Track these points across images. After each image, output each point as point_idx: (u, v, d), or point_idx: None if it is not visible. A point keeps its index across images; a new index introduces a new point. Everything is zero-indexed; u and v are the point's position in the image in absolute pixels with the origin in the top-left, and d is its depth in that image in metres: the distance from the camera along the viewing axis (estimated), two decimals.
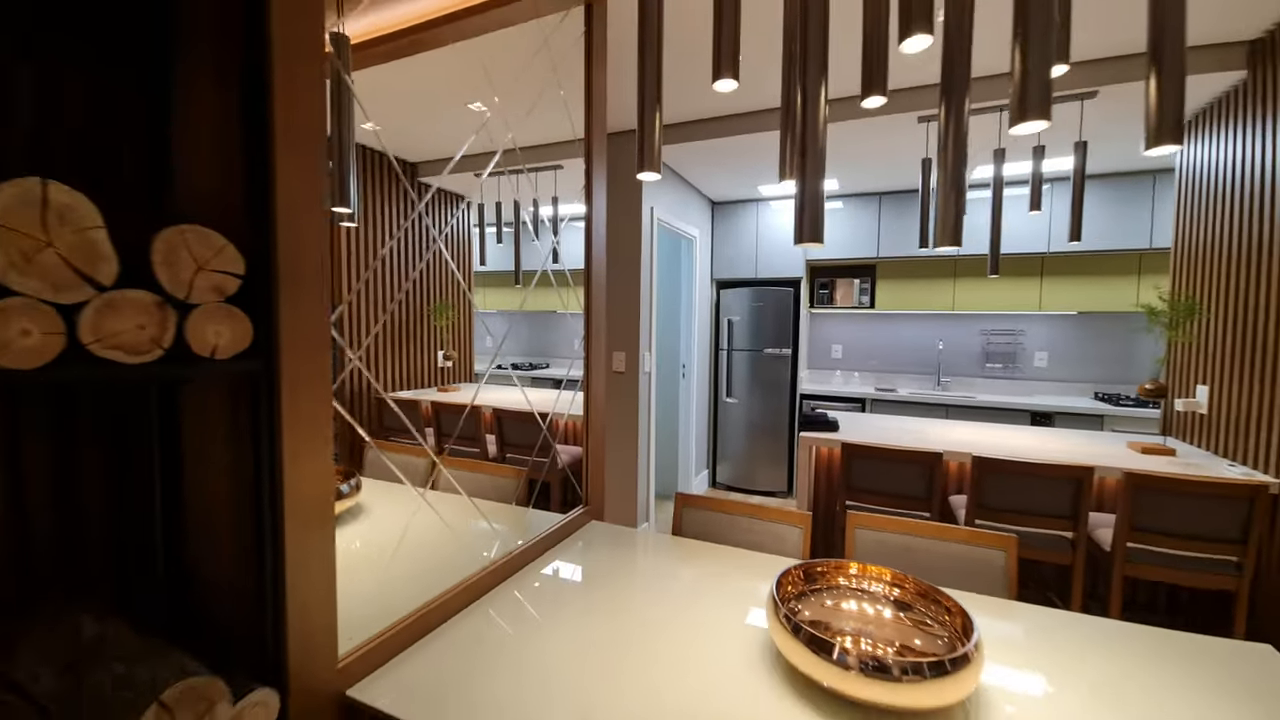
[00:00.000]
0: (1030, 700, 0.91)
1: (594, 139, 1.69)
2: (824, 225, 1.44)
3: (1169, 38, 0.83)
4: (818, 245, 0.91)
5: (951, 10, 0.89)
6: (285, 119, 0.78)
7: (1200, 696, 0.92)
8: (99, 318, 0.62)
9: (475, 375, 2.88)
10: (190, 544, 0.91)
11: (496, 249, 2.61)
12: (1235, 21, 1.95)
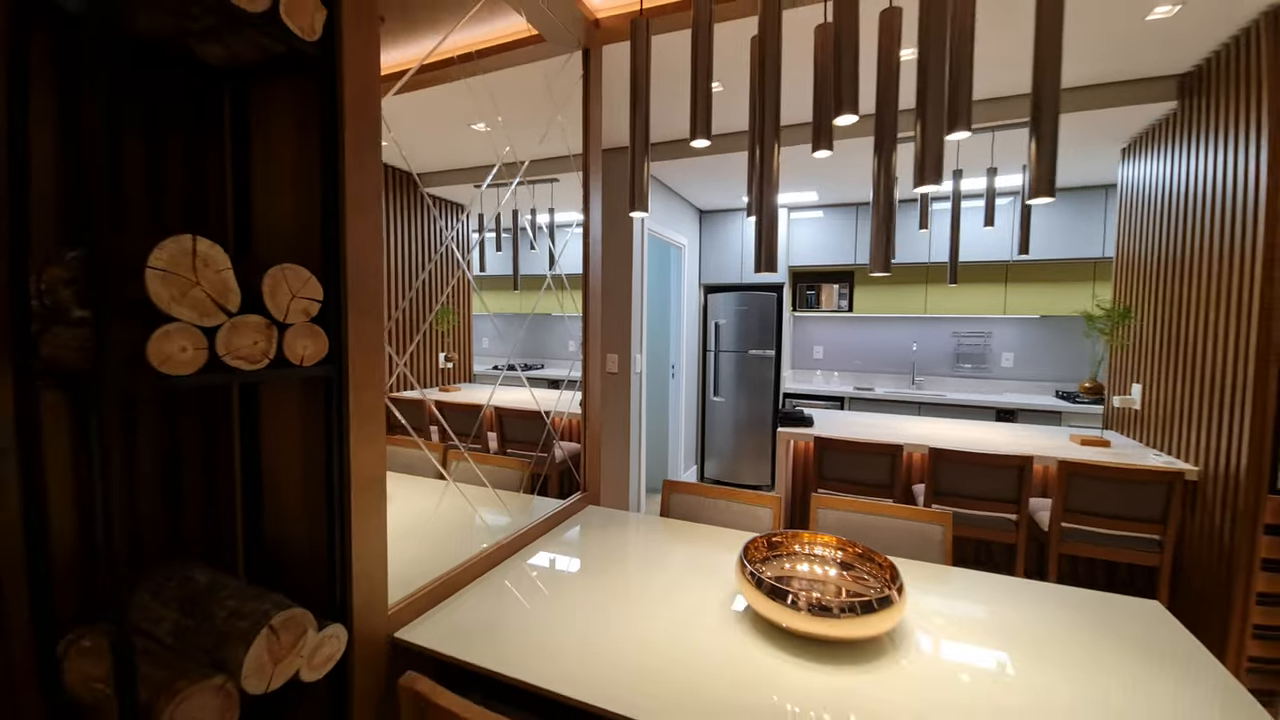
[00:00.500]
0: (939, 629, 1.15)
1: (590, 165, 1.91)
2: (778, 257, 1.66)
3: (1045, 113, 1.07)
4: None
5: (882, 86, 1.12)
6: (354, 187, 1.00)
7: (1090, 637, 1.16)
8: (229, 336, 0.83)
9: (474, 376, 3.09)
10: (266, 512, 1.12)
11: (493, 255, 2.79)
12: (1168, 56, 2.20)
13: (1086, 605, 1.27)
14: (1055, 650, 1.10)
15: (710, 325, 4.72)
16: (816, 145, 1.22)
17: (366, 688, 1.07)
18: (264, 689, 0.87)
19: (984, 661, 1.06)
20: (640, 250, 3.43)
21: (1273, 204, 1.81)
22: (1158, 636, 1.14)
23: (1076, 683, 1.00)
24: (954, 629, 1.17)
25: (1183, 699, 0.95)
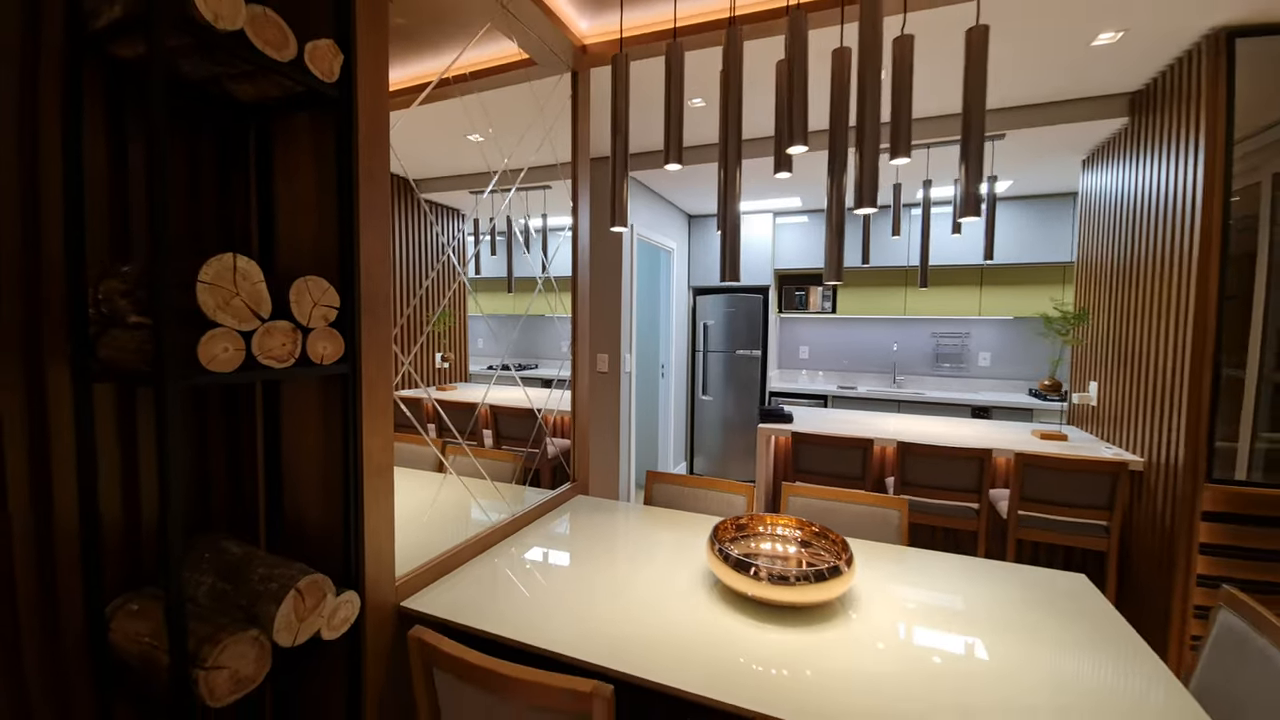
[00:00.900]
0: (888, 598, 1.30)
1: (579, 178, 2.05)
2: (739, 265, 1.82)
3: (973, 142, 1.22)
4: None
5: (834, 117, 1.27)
6: (366, 200, 1.14)
7: (1017, 600, 1.31)
8: (262, 339, 0.97)
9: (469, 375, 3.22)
10: (286, 494, 1.26)
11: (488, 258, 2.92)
12: (1119, 76, 2.36)
13: (1018, 576, 1.42)
14: (985, 611, 1.25)
15: (699, 326, 4.87)
16: (777, 169, 1.37)
17: (378, 648, 1.21)
18: (291, 642, 1.00)
19: (923, 621, 1.21)
20: (630, 254, 3.57)
21: (1206, 216, 1.97)
22: (1076, 601, 1.29)
23: (1001, 637, 1.15)
24: (900, 596, 1.32)
25: (1085, 645, 1.11)
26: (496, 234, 2.85)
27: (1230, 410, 2.03)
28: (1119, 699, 0.98)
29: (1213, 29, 1.95)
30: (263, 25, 0.95)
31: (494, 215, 2.90)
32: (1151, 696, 0.98)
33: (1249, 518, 1.95)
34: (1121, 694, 0.99)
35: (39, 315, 0.96)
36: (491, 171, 1.84)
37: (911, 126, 1.25)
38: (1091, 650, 1.11)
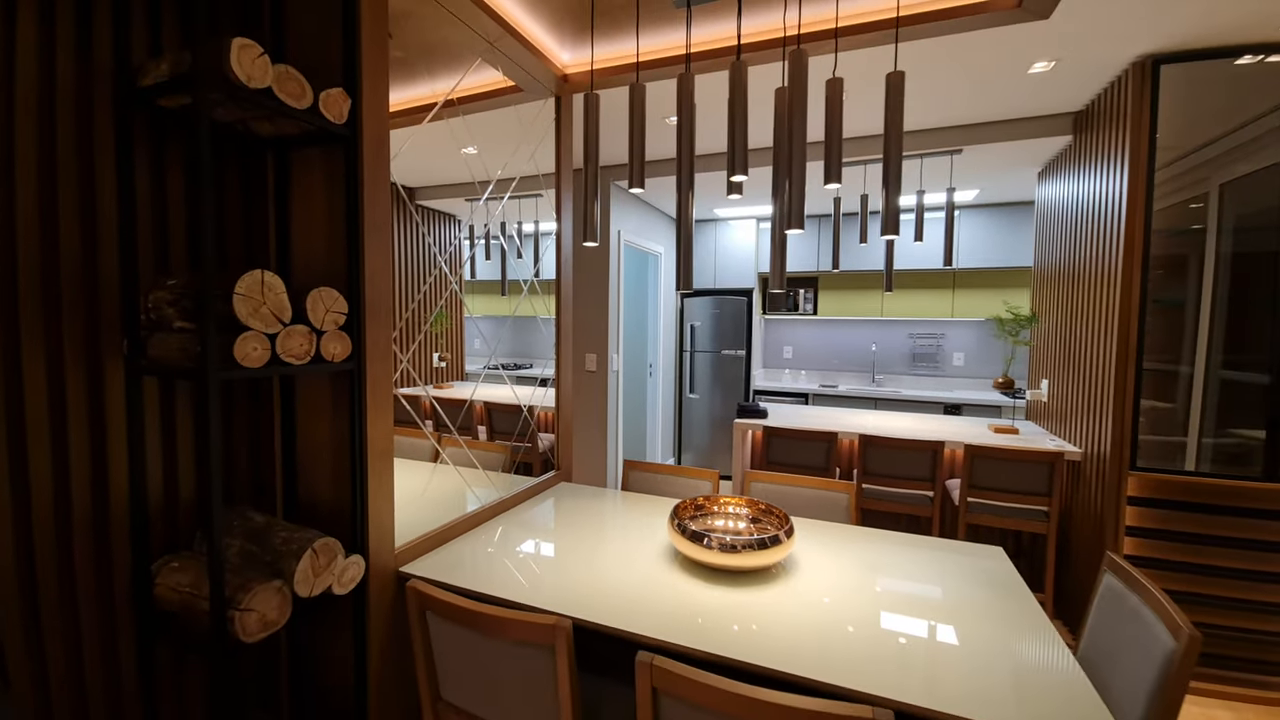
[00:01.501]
0: (822, 564, 1.49)
1: (562, 191, 2.25)
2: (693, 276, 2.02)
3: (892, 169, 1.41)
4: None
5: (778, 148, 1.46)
6: (370, 222, 1.33)
7: (937, 566, 1.51)
8: (284, 340, 1.16)
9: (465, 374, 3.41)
10: (300, 472, 1.45)
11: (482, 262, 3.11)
12: (1064, 97, 2.55)
13: (940, 549, 1.62)
14: (909, 577, 1.44)
15: (686, 327, 5.07)
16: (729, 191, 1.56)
17: (380, 605, 1.41)
18: (308, 593, 1.20)
19: (854, 581, 1.41)
20: (616, 259, 3.77)
21: (1130, 226, 2.17)
22: (987, 567, 1.49)
23: (923, 597, 1.35)
24: (838, 563, 1.52)
25: (992, 601, 1.30)
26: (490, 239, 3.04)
27: (1182, 404, 2.23)
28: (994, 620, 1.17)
29: (1139, 57, 2.15)
30: (286, 80, 1.14)
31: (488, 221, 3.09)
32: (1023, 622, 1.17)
33: (1169, 502, 2.15)
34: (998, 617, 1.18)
35: (98, 321, 1.15)
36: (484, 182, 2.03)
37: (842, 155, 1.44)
38: (986, 594, 1.31)
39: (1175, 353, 2.25)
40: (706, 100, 2.55)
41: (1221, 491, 2.08)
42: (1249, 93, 2.09)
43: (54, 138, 1.09)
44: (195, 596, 1.15)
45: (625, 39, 1.90)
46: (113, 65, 1.15)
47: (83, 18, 1.11)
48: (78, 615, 1.13)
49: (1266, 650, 2.08)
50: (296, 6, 1.38)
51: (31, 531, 1.07)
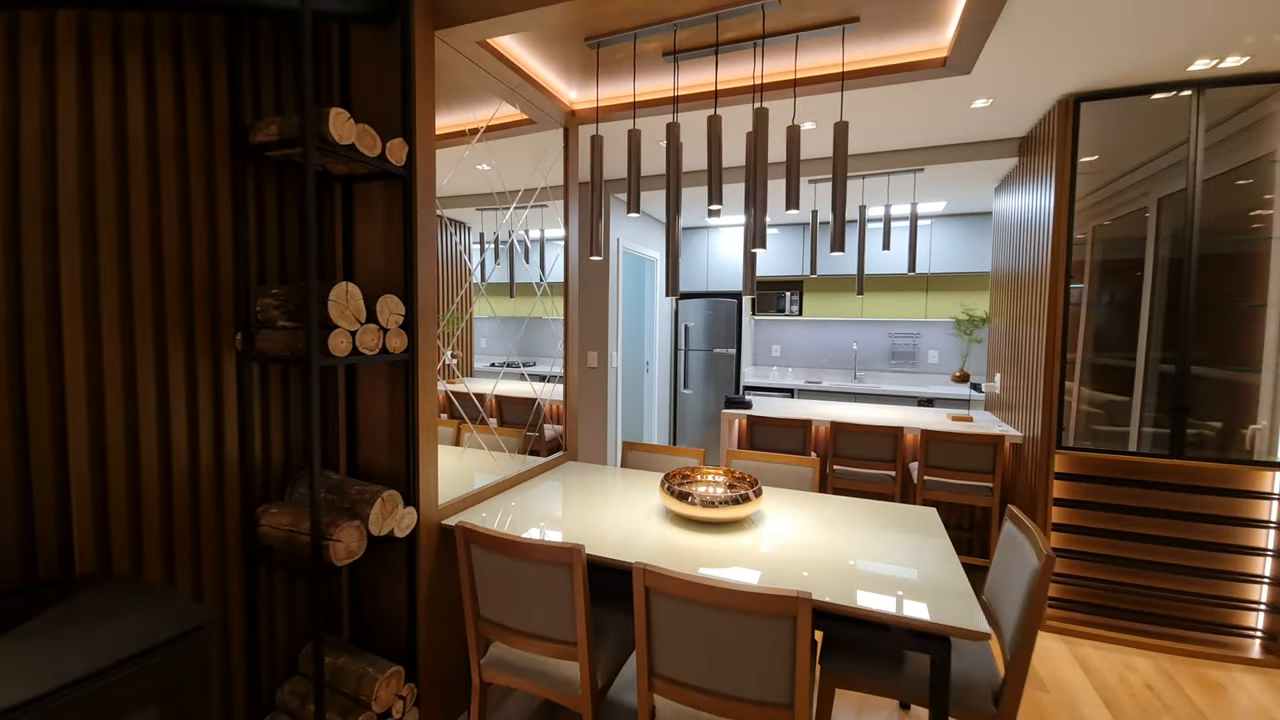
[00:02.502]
0: (784, 519, 1.84)
1: (569, 208, 2.60)
2: (679, 283, 2.38)
3: (839, 200, 1.76)
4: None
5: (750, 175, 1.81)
6: (421, 242, 1.68)
7: (877, 522, 1.86)
8: (361, 336, 1.51)
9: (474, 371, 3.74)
10: (360, 442, 1.80)
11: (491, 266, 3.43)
12: (1009, 125, 2.91)
13: (882, 510, 1.97)
14: (854, 527, 1.80)
15: (681, 327, 5.42)
16: (710, 215, 1.91)
17: (427, 548, 1.75)
18: (378, 533, 1.55)
19: (810, 532, 1.76)
20: (616, 265, 4.12)
21: (1055, 238, 2.53)
22: (916, 521, 1.84)
23: (861, 540, 1.70)
24: (797, 518, 1.87)
25: (917, 546, 1.66)
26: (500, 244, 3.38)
27: (1123, 393, 2.57)
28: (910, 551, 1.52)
29: (1063, 96, 2.50)
30: (363, 136, 1.49)
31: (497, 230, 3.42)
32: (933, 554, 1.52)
33: (1088, 477, 2.50)
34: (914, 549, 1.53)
35: (219, 321, 1.50)
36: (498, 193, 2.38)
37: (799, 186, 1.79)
38: (912, 537, 1.65)
39: (1130, 349, 2.59)
40: (695, 127, 2.91)
41: (1133, 467, 2.44)
42: (1177, 119, 2.42)
43: (188, 182, 1.43)
44: (293, 532, 1.50)
45: (624, 82, 2.25)
46: (228, 125, 1.50)
47: (206, 91, 1.46)
48: (200, 544, 1.48)
49: (1184, 607, 2.43)
50: (362, 74, 1.73)
51: (171, 483, 1.42)
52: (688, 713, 1.35)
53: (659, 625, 1.30)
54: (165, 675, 1.01)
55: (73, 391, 1.24)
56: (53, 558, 1.22)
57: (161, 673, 1.01)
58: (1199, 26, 1.88)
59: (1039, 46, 2.05)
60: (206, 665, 1.08)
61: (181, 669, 1.04)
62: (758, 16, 1.70)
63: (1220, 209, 2.41)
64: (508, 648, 1.61)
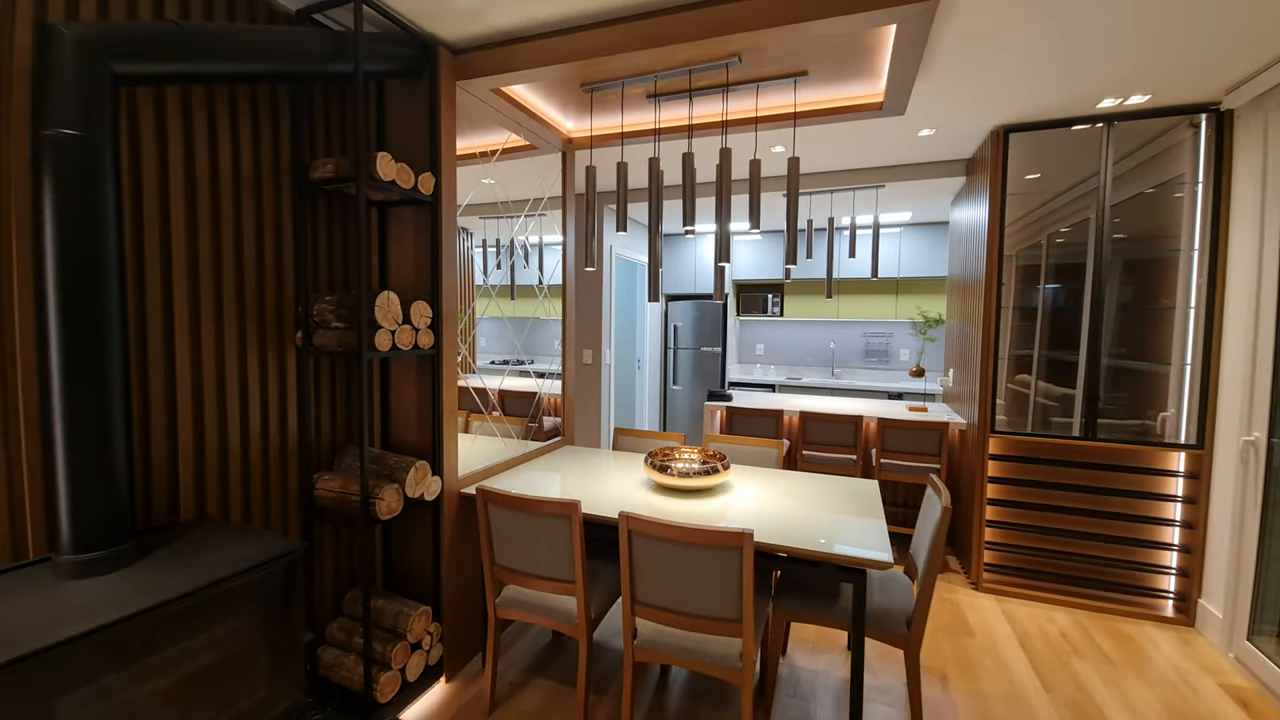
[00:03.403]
0: (750, 489, 2.21)
1: (566, 221, 2.95)
2: (659, 289, 2.77)
3: (792, 221, 2.13)
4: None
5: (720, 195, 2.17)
6: (444, 256, 2.04)
7: (826, 492, 2.23)
8: (399, 335, 1.86)
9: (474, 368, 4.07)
10: (392, 424, 2.15)
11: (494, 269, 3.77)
12: (956, 148, 3.28)
13: (834, 482, 2.34)
14: (805, 495, 2.16)
15: (670, 327, 5.78)
16: (687, 233, 2.27)
17: (449, 511, 2.10)
18: (412, 495, 1.90)
19: (768, 498, 2.12)
20: (609, 270, 4.47)
21: (990, 248, 2.90)
22: (858, 490, 2.21)
23: (809, 504, 2.06)
24: (759, 488, 2.23)
25: (853, 509, 2.02)
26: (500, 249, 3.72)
27: (1069, 385, 2.94)
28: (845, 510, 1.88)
29: (995, 127, 2.88)
30: (401, 173, 1.84)
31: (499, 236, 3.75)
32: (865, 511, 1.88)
33: (1016, 457, 2.88)
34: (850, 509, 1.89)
35: (283, 322, 1.85)
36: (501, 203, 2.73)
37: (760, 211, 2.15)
38: (851, 502, 2.02)
39: (1075, 345, 2.96)
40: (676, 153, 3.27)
41: (1052, 448, 2.82)
42: (1095, 147, 2.79)
43: (261, 210, 1.78)
44: (344, 494, 1.85)
45: (613, 115, 2.60)
46: (290, 163, 1.85)
47: (274, 136, 1.81)
48: (269, 502, 1.83)
49: (1103, 571, 2.81)
50: (395, 117, 2.08)
51: (248, 455, 1.76)
52: (662, 630, 1.71)
53: (639, 561, 1.66)
54: (270, 585, 1.37)
55: (181, 382, 1.58)
56: (164, 507, 1.56)
57: (268, 582, 1.36)
58: (1101, 72, 2.25)
59: (964, 90, 2.42)
60: (297, 580, 1.43)
61: (282, 580, 1.39)
62: (724, 70, 2.06)
63: (1145, 223, 2.79)
64: (518, 588, 1.97)
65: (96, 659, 1.07)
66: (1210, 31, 1.90)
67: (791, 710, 2.00)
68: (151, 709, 1.16)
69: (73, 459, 1.20)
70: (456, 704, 2.01)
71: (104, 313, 1.23)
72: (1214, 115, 2.56)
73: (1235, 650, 2.37)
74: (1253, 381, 2.33)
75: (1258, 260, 2.32)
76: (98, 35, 1.23)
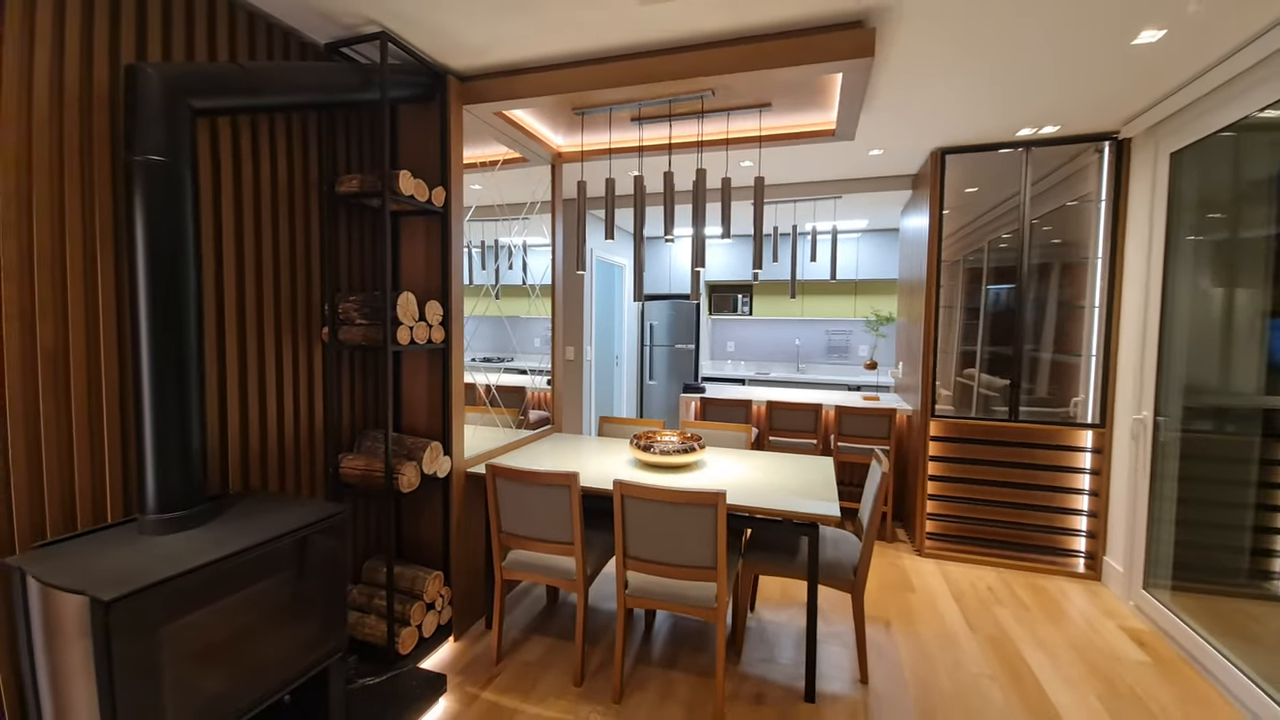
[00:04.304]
0: (722, 465, 2.53)
1: (555, 228, 3.22)
2: (653, 285, 3.09)
3: (758, 232, 2.46)
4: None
5: (695, 206, 2.48)
6: (452, 261, 2.29)
7: (787, 466, 2.56)
8: (416, 331, 2.11)
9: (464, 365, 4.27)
10: (404, 410, 2.39)
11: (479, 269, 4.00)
12: (904, 165, 3.68)
13: (795, 459, 2.68)
14: (770, 470, 2.49)
15: (647, 325, 6.09)
16: (666, 240, 2.58)
17: (458, 488, 2.36)
18: (428, 472, 2.15)
19: (739, 473, 2.44)
20: (590, 271, 4.75)
21: (930, 255, 3.30)
22: (817, 466, 2.56)
23: (774, 476, 2.39)
24: (731, 464, 2.55)
25: (810, 479, 2.36)
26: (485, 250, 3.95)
27: (1007, 378, 3.35)
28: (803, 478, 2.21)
29: (934, 149, 3.28)
30: (418, 188, 2.09)
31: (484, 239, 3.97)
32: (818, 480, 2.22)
33: (951, 438, 3.29)
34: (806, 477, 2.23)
35: (312, 319, 2.08)
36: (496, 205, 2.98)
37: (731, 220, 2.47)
38: (809, 475, 2.35)
39: (1010, 341, 3.37)
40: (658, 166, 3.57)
41: (983, 429, 3.23)
42: (1025, 167, 3.22)
43: (293, 220, 2.01)
44: (368, 471, 2.09)
45: (601, 133, 2.89)
46: (318, 178, 2.08)
47: (305, 153, 2.04)
48: (299, 479, 2.06)
49: (1026, 535, 3.23)
50: (408, 136, 2.32)
51: (283, 437, 1.99)
52: (649, 580, 2.02)
53: (630, 521, 1.96)
54: (322, 541, 1.61)
55: (229, 372, 1.81)
56: (217, 481, 1.79)
57: (321, 539, 1.61)
58: (1017, 108, 2.65)
59: (903, 119, 2.79)
60: (344, 538, 1.68)
61: (332, 539, 1.64)
62: (699, 100, 2.38)
63: (1064, 233, 3.22)
64: (523, 552, 2.24)
65: (193, 595, 1.31)
66: (1108, 75, 2.31)
67: (758, 652, 2.34)
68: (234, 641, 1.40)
69: (160, 431, 1.43)
70: (468, 656, 2.28)
71: (185, 312, 1.46)
72: (1114, 143, 3.00)
73: (1134, 599, 2.81)
74: (1141, 368, 2.77)
75: (1146, 266, 2.76)
76: (178, 75, 1.46)
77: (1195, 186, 2.53)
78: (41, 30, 1.35)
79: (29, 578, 1.26)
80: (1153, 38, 1.98)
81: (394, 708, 1.86)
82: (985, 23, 1.90)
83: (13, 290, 1.32)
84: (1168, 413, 2.64)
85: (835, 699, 2.06)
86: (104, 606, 1.13)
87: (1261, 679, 2.00)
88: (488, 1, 1.79)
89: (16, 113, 1.32)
